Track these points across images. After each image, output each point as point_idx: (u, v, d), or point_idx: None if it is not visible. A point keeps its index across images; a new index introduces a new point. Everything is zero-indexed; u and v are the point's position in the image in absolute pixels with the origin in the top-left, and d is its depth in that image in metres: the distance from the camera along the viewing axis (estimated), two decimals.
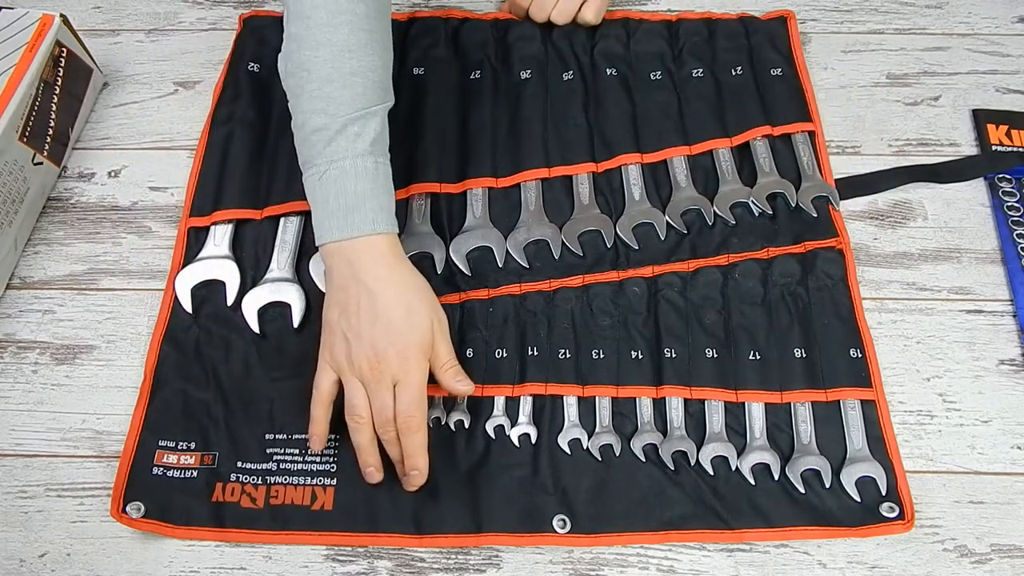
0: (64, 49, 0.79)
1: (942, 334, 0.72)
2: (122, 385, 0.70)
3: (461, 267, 0.74)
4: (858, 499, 0.63)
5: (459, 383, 0.63)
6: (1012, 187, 0.79)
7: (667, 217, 0.76)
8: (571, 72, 0.84)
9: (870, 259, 0.75)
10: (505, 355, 0.69)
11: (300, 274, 0.74)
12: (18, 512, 0.64)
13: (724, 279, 0.72)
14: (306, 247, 0.75)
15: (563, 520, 0.63)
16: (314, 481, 0.65)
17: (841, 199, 0.77)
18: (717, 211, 0.76)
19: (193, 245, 0.75)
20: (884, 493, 0.63)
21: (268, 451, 0.66)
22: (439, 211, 0.77)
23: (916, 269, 0.75)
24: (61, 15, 0.78)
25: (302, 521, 0.63)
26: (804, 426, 0.66)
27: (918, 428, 0.67)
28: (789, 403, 0.67)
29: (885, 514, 0.62)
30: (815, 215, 0.76)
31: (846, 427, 0.66)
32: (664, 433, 0.66)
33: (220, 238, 0.75)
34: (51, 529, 0.64)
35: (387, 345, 0.60)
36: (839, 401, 0.67)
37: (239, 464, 0.65)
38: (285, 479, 0.65)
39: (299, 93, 0.63)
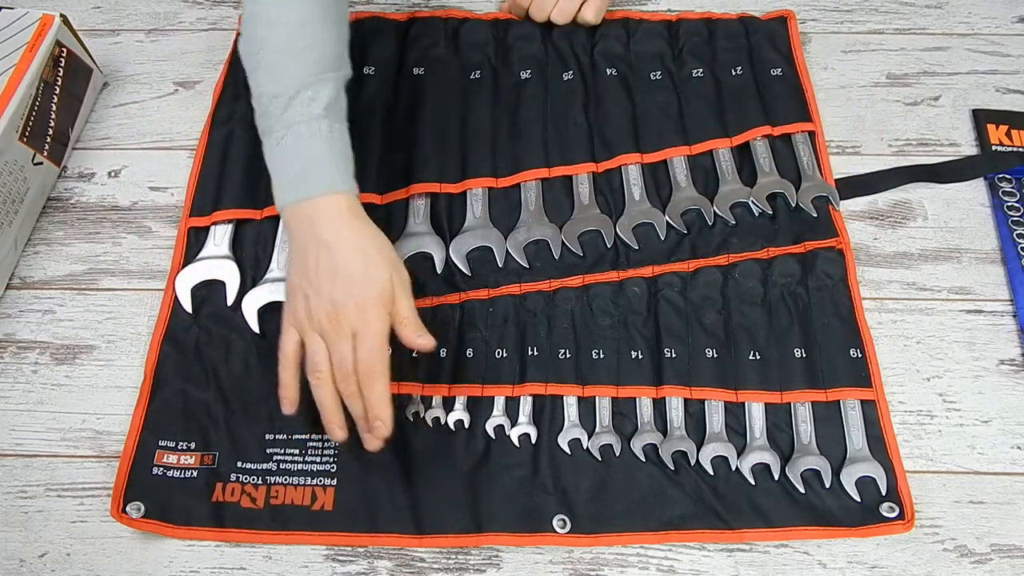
0: (64, 49, 0.79)
1: (942, 334, 0.72)
2: (122, 385, 0.70)
3: (461, 267, 0.74)
4: (858, 499, 0.63)
5: (419, 337, 0.63)
6: (1012, 187, 0.79)
7: (667, 217, 0.76)
8: (571, 72, 0.84)
9: (870, 259, 0.75)
10: (505, 355, 0.69)
11: None
12: (18, 512, 0.64)
13: (724, 279, 0.72)
14: None
15: (563, 520, 0.63)
16: (314, 481, 0.65)
17: (841, 199, 0.77)
18: (717, 211, 0.76)
19: (193, 245, 0.75)
20: (884, 493, 0.63)
21: (268, 451, 0.66)
22: (439, 211, 0.77)
23: (916, 269, 0.75)
24: (61, 15, 0.78)
25: (302, 521, 0.63)
26: (804, 426, 0.66)
27: (918, 428, 0.67)
28: (789, 403, 0.67)
29: (885, 514, 0.62)
30: (815, 215, 0.76)
31: (846, 427, 0.66)
32: (664, 433, 0.66)
33: (220, 238, 0.75)
34: (51, 529, 0.64)
35: (346, 298, 0.60)
36: (839, 401, 0.67)
37: (239, 464, 0.65)
38: (285, 479, 0.65)
39: (255, 67, 0.64)
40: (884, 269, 0.75)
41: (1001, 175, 0.79)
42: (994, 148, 0.81)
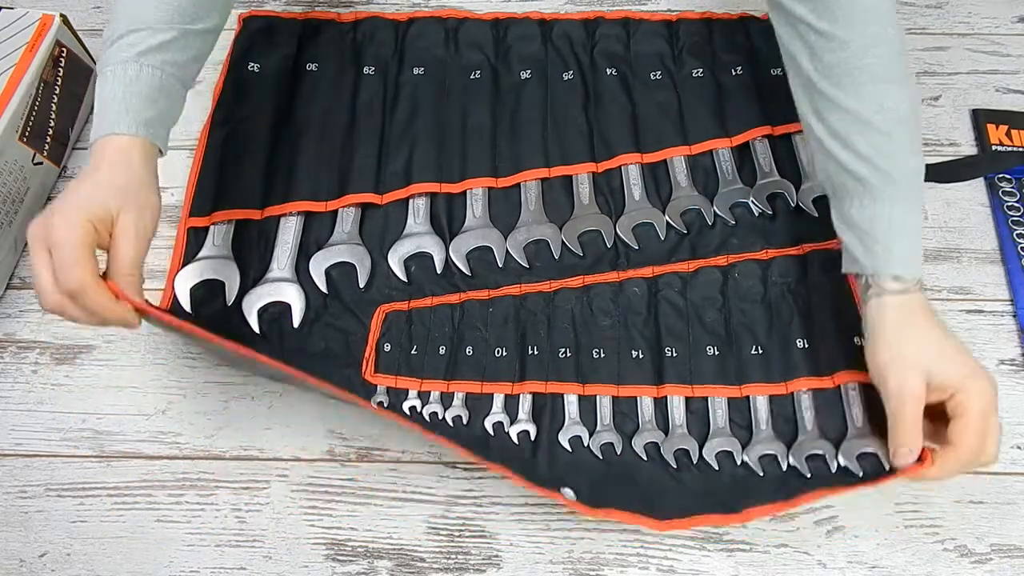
0: (64, 49, 0.79)
1: None
2: (122, 385, 0.70)
3: (461, 267, 0.74)
4: (860, 474, 0.62)
5: (125, 291, 0.55)
6: (1012, 187, 0.79)
7: (667, 217, 0.76)
8: (571, 72, 0.84)
9: None
10: (504, 354, 0.69)
11: (300, 274, 0.73)
12: (18, 512, 0.64)
13: (724, 279, 0.72)
14: (306, 247, 0.75)
15: (570, 492, 0.61)
16: None
17: None
18: (717, 211, 0.76)
19: (193, 245, 0.75)
20: (888, 469, 0.62)
21: None
22: (439, 211, 0.77)
23: None
24: (61, 15, 0.78)
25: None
26: (808, 413, 0.66)
27: None
28: (793, 393, 0.67)
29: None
30: (815, 215, 0.76)
31: (846, 406, 0.66)
32: (666, 432, 0.66)
33: (220, 238, 0.75)
34: (51, 529, 0.64)
35: (61, 203, 0.55)
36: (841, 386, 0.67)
37: None
38: None
39: (113, 5, 0.63)
40: None
41: (1001, 175, 0.79)
42: (994, 148, 0.81)
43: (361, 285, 0.73)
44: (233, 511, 0.65)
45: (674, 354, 0.69)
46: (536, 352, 0.69)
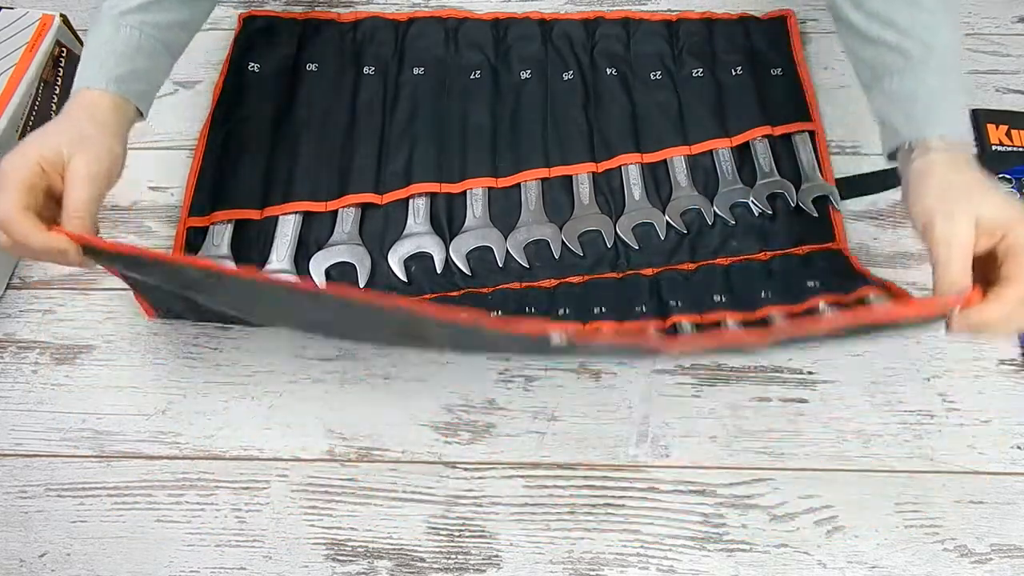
0: (64, 49, 0.79)
1: (942, 334, 0.71)
2: (122, 385, 0.70)
3: (461, 267, 0.74)
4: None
5: (72, 227, 0.55)
6: (1012, 187, 0.79)
7: (667, 217, 0.76)
8: (571, 72, 0.84)
9: (870, 259, 0.75)
10: (500, 314, 0.69)
11: (299, 267, 0.73)
12: (18, 512, 0.64)
13: (726, 273, 0.73)
14: (306, 247, 0.75)
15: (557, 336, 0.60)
16: None
17: (841, 199, 0.77)
18: (717, 211, 0.76)
19: (192, 245, 0.75)
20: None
21: None
22: (439, 211, 0.77)
23: (916, 269, 0.75)
24: (61, 15, 0.78)
25: None
26: (830, 312, 0.66)
27: (918, 428, 0.67)
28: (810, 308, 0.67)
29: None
30: (815, 215, 0.76)
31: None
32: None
33: (219, 238, 0.75)
34: (51, 529, 0.64)
35: (18, 145, 0.56)
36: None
37: None
38: None
39: None
40: (884, 269, 0.75)
41: (1001, 175, 0.79)
42: (994, 148, 0.81)
43: (361, 285, 0.73)
44: (233, 511, 0.65)
45: (679, 304, 0.69)
46: (533, 311, 0.69)
